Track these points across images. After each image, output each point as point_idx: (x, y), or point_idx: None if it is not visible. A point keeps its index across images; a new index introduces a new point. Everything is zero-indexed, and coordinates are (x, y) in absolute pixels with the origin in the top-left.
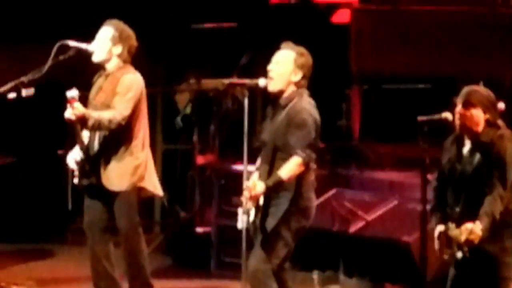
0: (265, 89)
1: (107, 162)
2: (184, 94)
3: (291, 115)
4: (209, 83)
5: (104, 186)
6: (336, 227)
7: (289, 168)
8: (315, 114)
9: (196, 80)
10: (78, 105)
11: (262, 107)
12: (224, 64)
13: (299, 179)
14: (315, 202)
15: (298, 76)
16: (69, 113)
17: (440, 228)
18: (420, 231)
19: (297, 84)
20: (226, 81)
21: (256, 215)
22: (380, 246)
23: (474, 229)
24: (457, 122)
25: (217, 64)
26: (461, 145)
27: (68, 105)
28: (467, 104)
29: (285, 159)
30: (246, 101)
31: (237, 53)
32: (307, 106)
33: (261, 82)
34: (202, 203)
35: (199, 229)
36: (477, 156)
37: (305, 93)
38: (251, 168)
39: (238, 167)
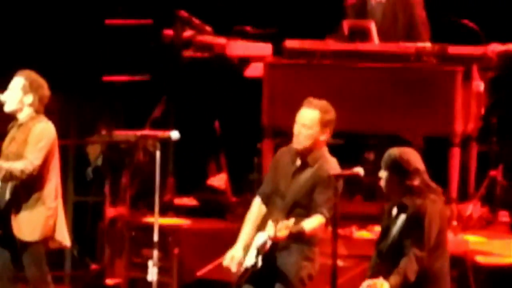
0: (177, 141)
1: (18, 212)
2: (96, 145)
3: (321, 175)
4: (121, 135)
5: (14, 236)
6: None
7: (313, 225)
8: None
9: (108, 132)
10: None
11: (174, 160)
12: (137, 116)
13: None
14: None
15: (325, 135)
16: None
17: (366, 283)
18: (330, 286)
19: (324, 142)
20: (138, 133)
21: (256, 258)
22: None
23: (377, 284)
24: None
25: (130, 116)
26: (392, 206)
27: None
28: (383, 168)
29: (303, 215)
30: (158, 154)
31: (150, 105)
32: (335, 166)
33: (174, 134)
34: (113, 255)
35: (109, 281)
36: (401, 218)
37: (327, 151)
38: (161, 220)
39: (149, 219)
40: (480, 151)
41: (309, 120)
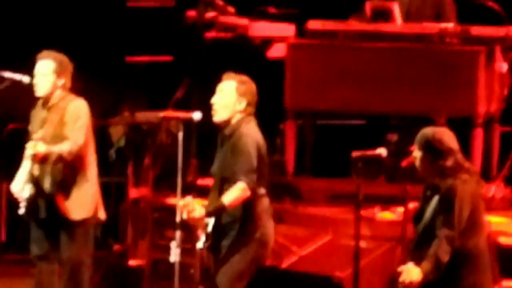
0: (200, 123)
1: (69, 193)
2: (118, 127)
3: (234, 143)
4: (143, 116)
5: (60, 218)
6: (268, 261)
7: (232, 195)
8: (258, 138)
9: (131, 113)
10: (40, 145)
11: (197, 141)
12: (160, 97)
13: (249, 207)
14: (271, 228)
15: (242, 104)
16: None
17: (400, 268)
18: (352, 267)
19: (243, 112)
20: (161, 114)
21: (206, 242)
22: (313, 281)
23: (411, 270)
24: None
25: (153, 97)
26: (427, 187)
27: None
28: (417, 148)
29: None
30: (180, 135)
31: (172, 87)
32: (248, 131)
33: (196, 115)
34: (135, 236)
35: (132, 262)
36: (434, 199)
37: (252, 120)
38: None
39: (172, 200)
40: (503, 132)
41: (226, 89)
